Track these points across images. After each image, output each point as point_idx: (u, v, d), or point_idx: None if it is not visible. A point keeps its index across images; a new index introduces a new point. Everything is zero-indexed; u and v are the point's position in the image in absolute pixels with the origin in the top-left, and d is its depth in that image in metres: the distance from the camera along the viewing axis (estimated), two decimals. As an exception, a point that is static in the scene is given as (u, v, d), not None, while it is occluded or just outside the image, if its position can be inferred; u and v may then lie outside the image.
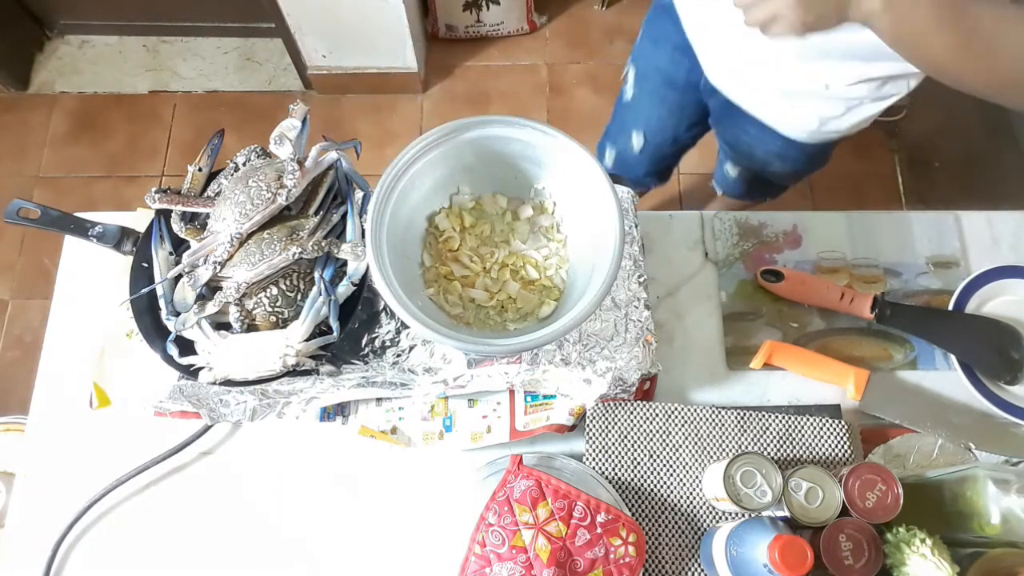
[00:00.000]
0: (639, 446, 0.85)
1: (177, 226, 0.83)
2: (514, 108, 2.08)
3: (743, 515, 0.79)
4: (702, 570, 0.81)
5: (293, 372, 0.79)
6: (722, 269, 0.97)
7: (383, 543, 0.84)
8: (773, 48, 0.85)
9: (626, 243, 0.79)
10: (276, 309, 0.80)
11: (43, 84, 2.10)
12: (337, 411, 0.87)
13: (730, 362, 0.92)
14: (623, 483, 0.84)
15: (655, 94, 1.21)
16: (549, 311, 0.85)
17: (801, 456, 0.85)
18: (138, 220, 0.92)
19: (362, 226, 0.80)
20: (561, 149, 0.81)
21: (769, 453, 0.85)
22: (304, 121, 0.83)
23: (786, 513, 0.75)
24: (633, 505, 0.84)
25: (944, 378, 0.92)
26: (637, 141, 1.30)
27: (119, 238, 0.87)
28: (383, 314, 0.86)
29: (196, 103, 2.08)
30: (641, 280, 0.87)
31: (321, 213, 0.83)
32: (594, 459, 0.85)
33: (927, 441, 0.87)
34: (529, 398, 0.87)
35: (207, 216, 0.83)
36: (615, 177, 0.86)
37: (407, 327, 0.85)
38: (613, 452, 0.85)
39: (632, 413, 0.86)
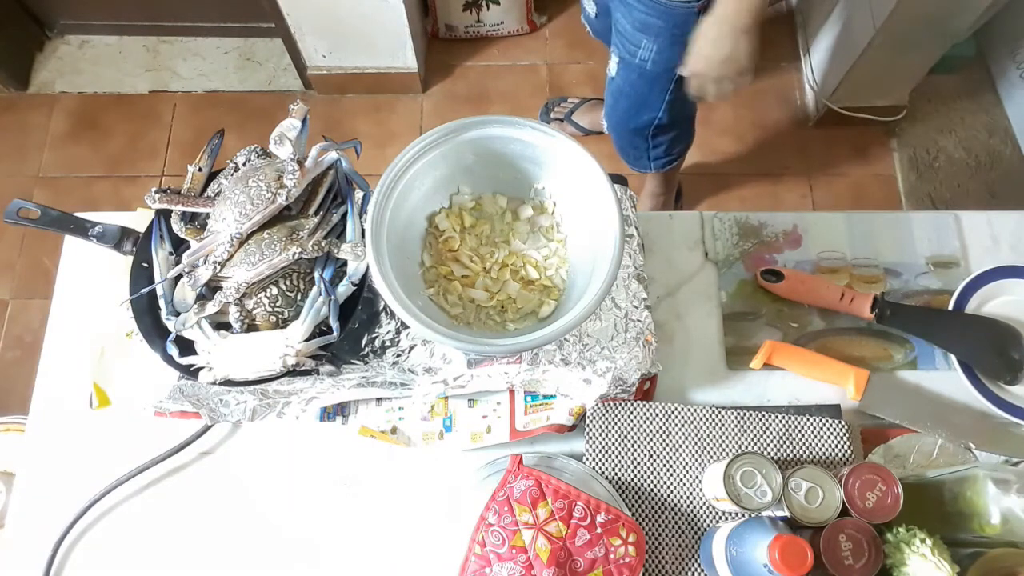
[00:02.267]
0: (639, 446, 0.85)
1: (177, 226, 0.83)
2: (514, 108, 2.08)
3: (743, 515, 0.79)
4: (702, 570, 0.81)
5: (293, 372, 0.79)
6: (722, 269, 0.97)
7: (383, 543, 0.84)
8: None
9: (626, 243, 0.79)
10: (276, 309, 0.80)
11: (43, 84, 2.10)
12: (337, 411, 0.87)
13: (730, 362, 0.92)
14: (623, 483, 0.84)
15: None
16: (549, 311, 0.85)
17: (801, 456, 0.85)
18: (138, 220, 0.92)
19: (362, 226, 0.80)
20: (561, 149, 0.81)
21: (769, 453, 0.85)
22: (304, 121, 0.84)
23: (786, 513, 0.75)
24: (633, 505, 0.84)
25: (944, 378, 0.92)
26: (590, 8, 1.45)
27: (119, 238, 0.87)
28: (383, 314, 0.86)
29: (196, 103, 2.08)
30: (641, 280, 0.87)
31: (321, 213, 0.83)
32: (594, 459, 0.85)
33: (927, 441, 0.87)
34: (529, 398, 0.87)
35: (207, 216, 0.83)
36: (615, 177, 0.86)
37: (407, 327, 0.85)
38: (613, 452, 0.85)
39: (632, 413, 0.86)
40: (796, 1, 2.14)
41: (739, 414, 0.87)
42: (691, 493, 0.84)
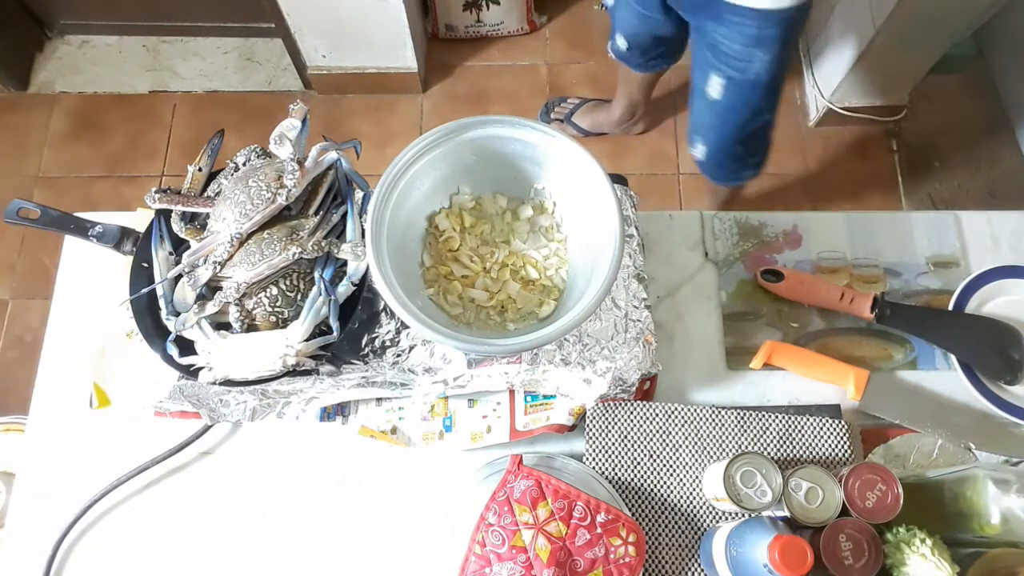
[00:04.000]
0: (639, 446, 0.85)
1: (177, 226, 0.83)
2: (514, 108, 2.07)
3: (743, 515, 0.79)
4: (702, 570, 0.81)
5: (293, 372, 0.79)
6: (722, 269, 0.97)
7: (383, 543, 0.84)
8: None
9: (626, 243, 0.79)
10: (276, 309, 0.80)
11: (43, 84, 2.10)
12: (337, 411, 0.87)
13: (730, 362, 0.92)
14: (623, 483, 0.84)
15: (628, 7, 1.36)
16: (549, 311, 0.85)
17: (801, 456, 0.85)
18: (138, 220, 0.92)
19: (362, 226, 0.80)
20: (561, 149, 0.81)
21: (769, 453, 0.85)
22: (304, 121, 0.84)
23: (786, 513, 0.75)
24: (633, 505, 0.84)
25: (944, 378, 0.92)
26: (622, 42, 1.49)
27: (119, 238, 0.87)
28: (383, 314, 0.86)
29: (196, 103, 2.08)
30: (641, 280, 0.87)
31: (321, 213, 0.83)
32: (594, 459, 0.85)
33: (927, 441, 0.87)
34: (529, 398, 0.87)
35: (207, 216, 0.83)
36: (615, 177, 0.86)
37: (407, 327, 0.85)
38: (613, 452, 0.85)
39: (632, 413, 0.86)
40: (796, 1, 2.14)
41: (739, 414, 0.87)
42: (691, 493, 0.84)
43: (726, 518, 0.83)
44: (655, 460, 0.85)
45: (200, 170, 0.87)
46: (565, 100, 2.02)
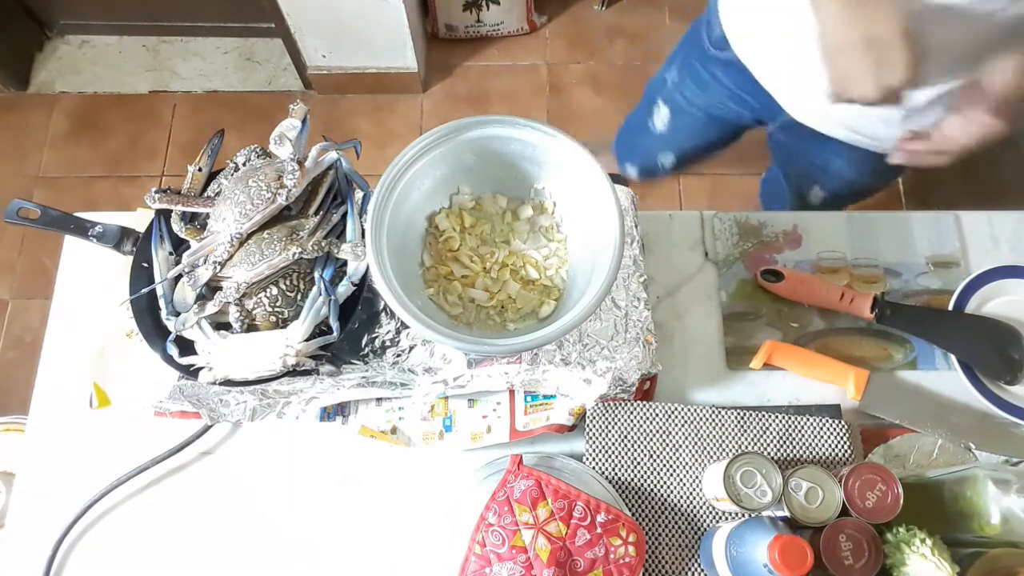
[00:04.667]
0: (639, 446, 0.85)
1: (177, 226, 0.83)
2: (514, 108, 2.07)
3: (743, 515, 0.79)
4: (702, 570, 0.81)
5: (293, 372, 0.79)
6: (722, 269, 0.97)
7: (383, 543, 0.84)
8: None
9: (626, 243, 0.79)
10: (276, 309, 0.80)
11: (43, 84, 2.10)
12: (337, 411, 0.87)
13: (730, 362, 0.92)
14: (623, 483, 0.84)
15: (693, 129, 1.21)
16: (549, 311, 0.85)
17: (801, 456, 0.85)
18: (138, 220, 0.92)
19: (362, 226, 0.80)
20: (561, 149, 0.81)
21: (769, 453, 0.85)
22: (304, 121, 0.84)
23: (786, 513, 0.75)
24: (633, 505, 0.84)
25: (944, 378, 0.92)
26: (666, 160, 1.32)
27: (119, 238, 0.87)
28: (383, 314, 0.86)
29: (196, 103, 2.08)
30: (641, 280, 0.87)
31: (321, 213, 0.83)
32: (594, 459, 0.85)
33: (927, 441, 0.87)
34: (529, 398, 0.87)
35: (207, 216, 0.83)
36: (615, 177, 0.86)
37: (407, 327, 0.85)
38: (613, 452, 0.85)
39: (632, 413, 0.86)
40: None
41: (739, 414, 0.87)
42: (691, 493, 0.84)
43: (726, 518, 0.83)
44: (655, 460, 0.85)
45: (200, 170, 0.87)
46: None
